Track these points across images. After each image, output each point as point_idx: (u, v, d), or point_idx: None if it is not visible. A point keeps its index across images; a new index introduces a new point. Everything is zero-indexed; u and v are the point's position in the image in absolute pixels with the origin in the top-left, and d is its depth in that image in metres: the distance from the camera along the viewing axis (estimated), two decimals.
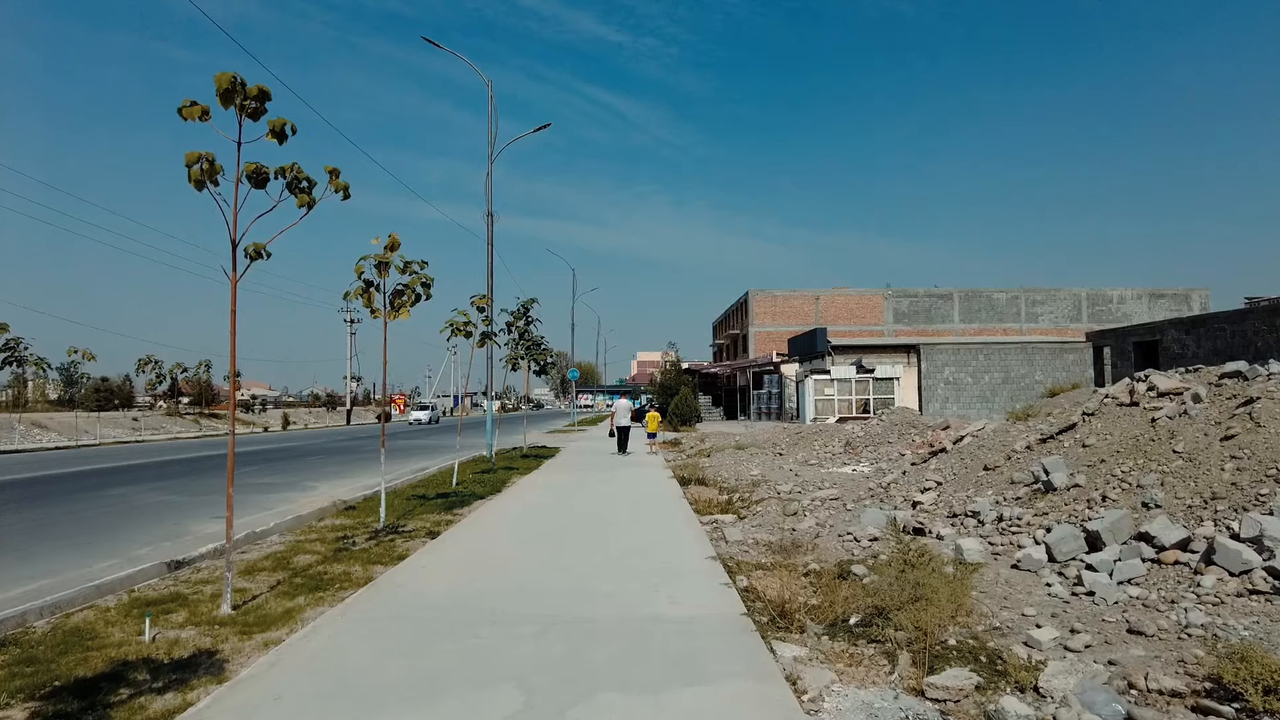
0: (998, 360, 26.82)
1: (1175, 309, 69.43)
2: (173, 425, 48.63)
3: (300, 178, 6.52)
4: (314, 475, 17.75)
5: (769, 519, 10.04)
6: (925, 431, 18.16)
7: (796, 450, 19.92)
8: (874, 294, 67.46)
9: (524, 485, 14.10)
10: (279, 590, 6.68)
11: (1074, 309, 68.55)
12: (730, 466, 16.43)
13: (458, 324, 14.08)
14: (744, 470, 15.45)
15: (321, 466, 20.32)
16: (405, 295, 10.09)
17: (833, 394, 25.73)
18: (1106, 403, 10.01)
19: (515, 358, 21.99)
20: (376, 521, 10.17)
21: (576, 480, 14.78)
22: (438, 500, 12.09)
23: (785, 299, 67.10)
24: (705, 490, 13.13)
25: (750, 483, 13.48)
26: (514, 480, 14.87)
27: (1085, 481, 8.18)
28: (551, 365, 22.47)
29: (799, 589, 6.52)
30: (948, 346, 26.62)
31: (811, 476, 14.19)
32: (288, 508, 12.11)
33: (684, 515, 10.40)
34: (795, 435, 21.91)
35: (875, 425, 19.50)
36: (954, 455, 12.00)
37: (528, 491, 13.11)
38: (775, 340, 63.90)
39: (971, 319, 67.70)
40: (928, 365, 26.42)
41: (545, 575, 6.88)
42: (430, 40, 22.51)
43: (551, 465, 18.41)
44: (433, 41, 22.54)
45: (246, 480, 16.50)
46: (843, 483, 13.03)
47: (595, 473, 16.35)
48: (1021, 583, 6.41)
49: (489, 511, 10.99)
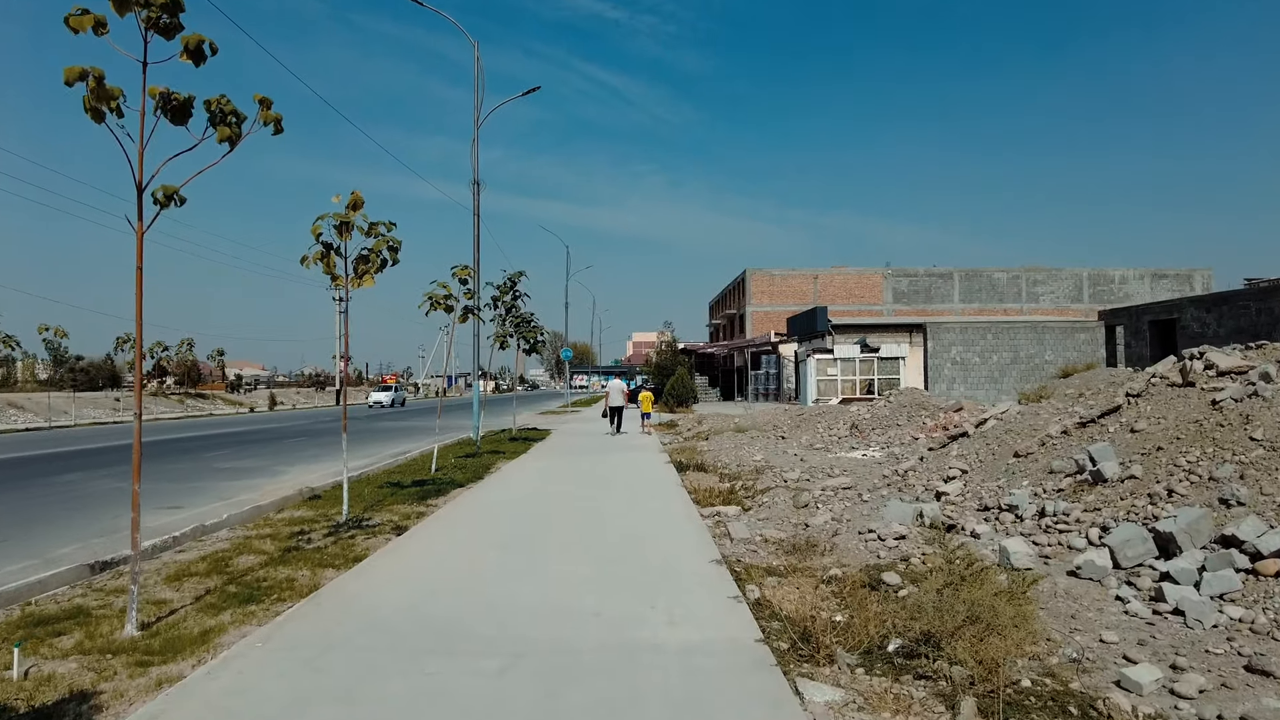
0: (1006, 340, 25.81)
1: (1178, 289, 68.52)
2: (156, 406, 47.45)
3: (227, 110, 5.40)
4: (288, 459, 16.70)
5: (777, 511, 9.01)
6: (936, 413, 17.16)
7: (800, 433, 18.91)
8: (873, 273, 66.35)
9: (509, 472, 13.06)
10: (204, 603, 5.63)
11: (1075, 289, 67.59)
12: (730, 451, 15.41)
13: (437, 296, 12.97)
14: (746, 455, 14.43)
15: (299, 449, 19.26)
16: (370, 260, 8.98)
17: (835, 374, 24.69)
18: (1155, 383, 8.97)
19: (503, 335, 20.89)
20: (341, 513, 9.13)
21: (566, 466, 13.75)
22: (412, 489, 11.04)
23: (783, 278, 65.95)
24: (705, 478, 12.10)
25: (753, 469, 12.46)
26: (498, 466, 13.82)
27: (1142, 472, 7.15)
28: (542, 343, 21.34)
29: (820, 601, 5.50)
30: (955, 325, 25.59)
31: (819, 462, 13.17)
32: (249, 496, 11.07)
33: (682, 507, 9.37)
34: (797, 417, 20.90)
35: (882, 407, 18.49)
36: (977, 440, 10.98)
37: (512, 479, 12.07)
38: (773, 320, 62.81)
39: (972, 299, 66.65)
40: (934, 345, 25.39)
41: (521, 586, 5.84)
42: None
43: (541, 449, 17.37)
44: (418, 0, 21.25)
45: (215, 465, 15.44)
46: (854, 469, 12.01)
47: (587, 457, 15.32)
48: (1086, 595, 5.39)
49: (466, 502, 9.94)
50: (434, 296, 12.98)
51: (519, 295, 17.09)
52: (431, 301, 12.98)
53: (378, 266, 8.98)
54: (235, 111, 5.44)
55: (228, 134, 5.17)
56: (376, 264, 8.95)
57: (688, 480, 11.70)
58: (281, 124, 5.46)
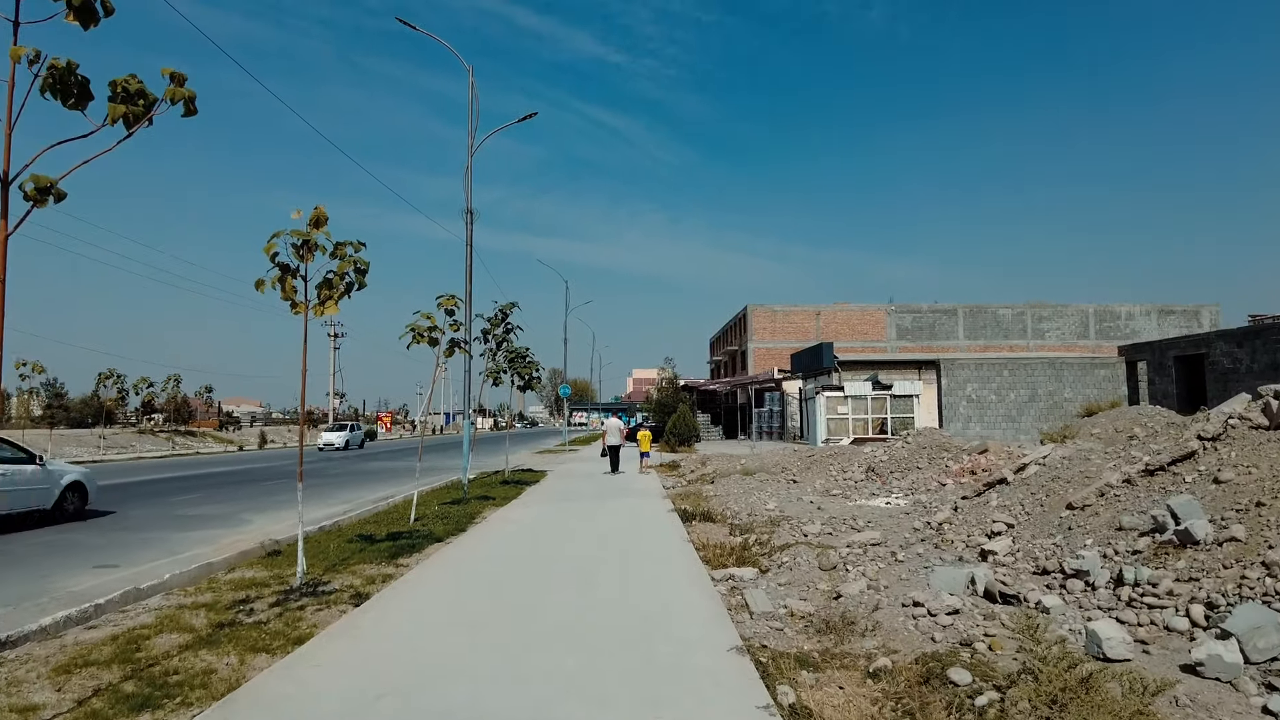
0: (1023, 377, 24.68)
1: (1185, 325, 67.68)
2: (143, 443, 46.11)
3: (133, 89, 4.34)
4: (262, 504, 15.45)
5: (801, 574, 7.79)
6: (959, 455, 15.95)
7: (812, 476, 17.68)
8: (876, 309, 65.51)
9: (495, 522, 11.82)
10: (85, 711, 4.41)
11: (1081, 325, 66.73)
12: (739, 497, 14.17)
13: (419, 328, 11.88)
14: (757, 502, 13.19)
15: (276, 493, 18.00)
16: (334, 285, 7.91)
17: (846, 413, 23.51)
18: (1235, 425, 7.81)
19: (496, 371, 19.76)
20: (297, 574, 7.91)
21: (559, 514, 12.50)
22: (385, 543, 9.80)
23: (785, 314, 65.09)
24: (713, 530, 10.86)
25: (767, 519, 11.22)
26: (485, 515, 12.58)
27: (1245, 534, 5.96)
28: (537, 380, 20.22)
29: (874, 709, 4.28)
30: (969, 362, 24.47)
31: (839, 511, 11.95)
32: (201, 551, 9.83)
33: (690, 568, 8.14)
34: (808, 459, 19.67)
35: (900, 448, 17.29)
36: (1019, 488, 9.78)
37: (497, 531, 10.82)
38: (775, 356, 61.79)
39: (976, 335, 65.78)
40: (948, 382, 24.24)
41: (490, 690, 4.61)
42: (405, 21, 20.58)
43: (533, 493, 16.12)
44: (408, 23, 20.61)
45: (179, 512, 14.19)
46: (880, 520, 10.78)
47: (582, 504, 14.08)
48: (1221, 705, 4.18)
49: (441, 563, 8.71)
50: (416, 328, 11.89)
51: (511, 328, 16.01)
52: (414, 334, 11.89)
53: (342, 291, 7.90)
54: (143, 92, 4.39)
55: (122, 111, 4.09)
56: (341, 288, 7.86)
57: (694, 533, 10.46)
58: (194, 104, 4.40)
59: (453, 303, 12.28)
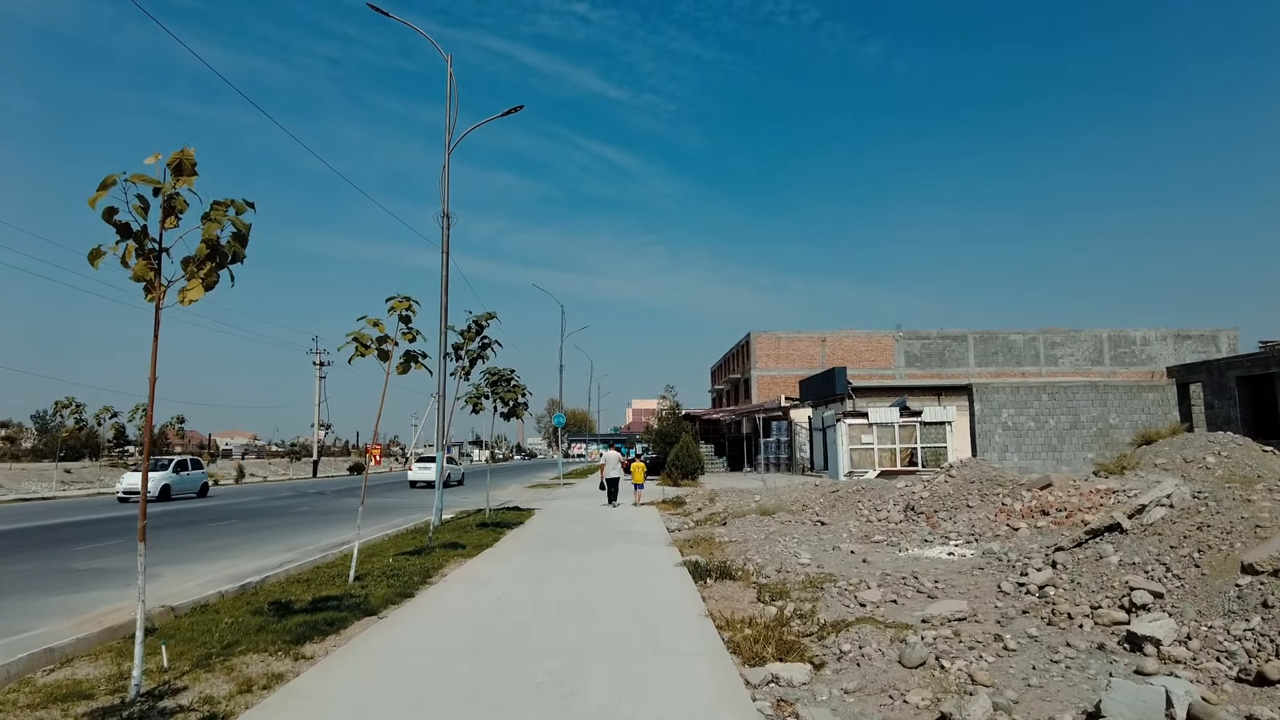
0: (1064, 402, 22.27)
1: (1203, 350, 65.46)
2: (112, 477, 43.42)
3: None
4: (188, 551, 12.97)
5: (875, 673, 5.32)
6: (1017, 491, 13.48)
7: (840, 516, 15.19)
8: (884, 336, 63.31)
9: (455, 582, 9.30)
10: None
11: (1095, 351, 64.55)
12: (760, 544, 11.68)
13: (365, 338, 9.53)
14: (783, 551, 10.70)
15: (217, 536, 15.50)
16: (206, 261, 5.54)
17: (871, 442, 21.03)
18: None
19: (477, 396, 17.36)
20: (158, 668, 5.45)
21: (538, 571, 9.95)
22: (301, 616, 7.30)
23: (790, 341, 62.86)
24: (735, 592, 8.37)
25: (805, 579, 8.73)
26: (446, 571, 10.07)
27: None
28: (523, 406, 17.78)
29: None
30: (1004, 386, 22.13)
31: (890, 564, 9.46)
32: (57, 628, 7.34)
33: (714, 666, 5.65)
34: (831, 495, 17.17)
35: (943, 483, 14.81)
36: (1146, 538, 7.33)
37: (452, 599, 8.30)
38: (780, 385, 59.41)
39: (987, 362, 63.47)
40: (982, 407, 21.82)
41: None
42: (377, 8, 18.59)
43: (513, 539, 13.59)
44: (380, 10, 18.62)
45: (70, 566, 11.64)
46: (950, 578, 8.30)
47: (570, 554, 11.55)
48: None
49: (360, 651, 6.21)
50: (361, 338, 9.52)
51: (488, 343, 13.60)
52: (358, 344, 9.52)
53: (214, 266, 5.52)
54: None
55: None
56: (208, 266, 5.48)
57: (712, 598, 7.97)
58: None
59: (406, 305, 9.91)
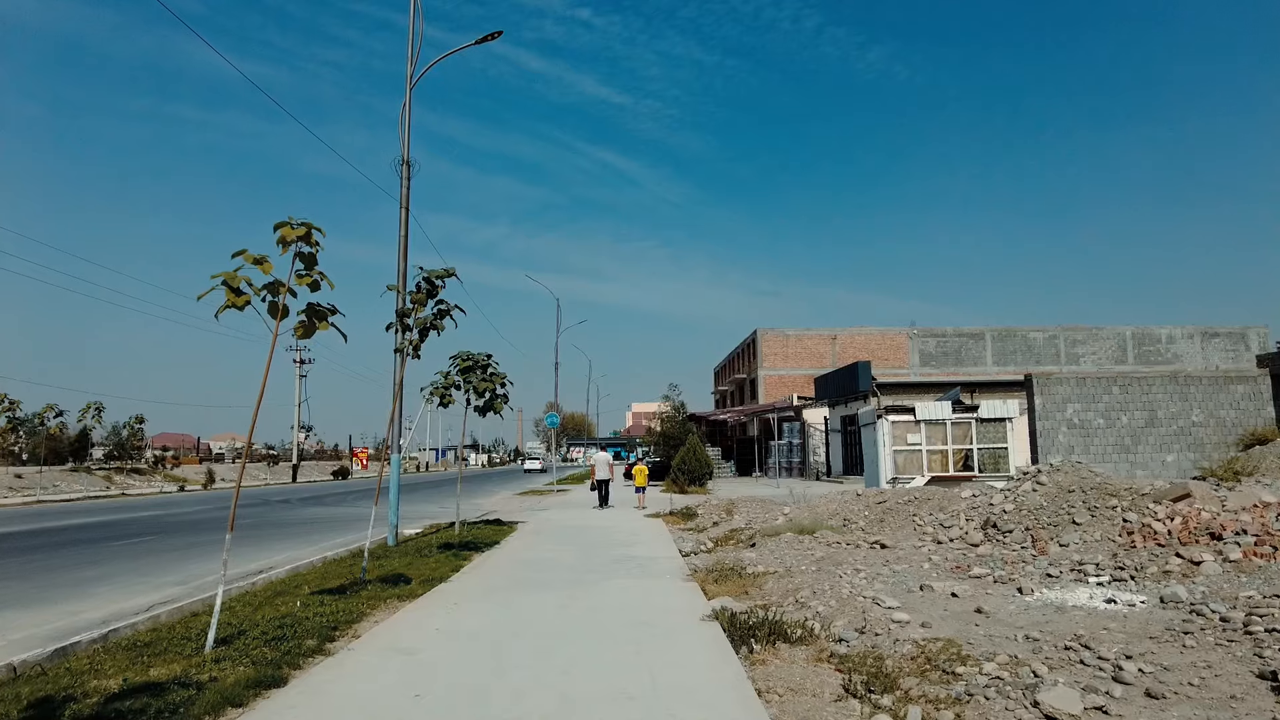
0: (1138, 396, 19.17)
1: (1231, 349, 62.42)
2: (72, 484, 40.18)
3: None
4: (89, 573, 9.91)
5: None
6: (1139, 504, 10.31)
7: (895, 534, 12.08)
8: (897, 333, 60.16)
9: (365, 651, 6.09)
10: None
11: (1119, 349, 61.41)
12: (812, 577, 8.50)
13: (237, 281, 6.41)
14: (852, 592, 7.50)
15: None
16: None
17: (918, 443, 17.91)
18: None
19: (446, 388, 14.18)
20: None
21: (497, 634, 6.62)
22: None
23: (798, 339, 59.70)
24: (804, 674, 5.19)
25: (913, 647, 5.55)
26: (363, 626, 6.87)
27: None
28: (503, 399, 14.58)
29: None
30: (1069, 378, 19.07)
31: (1026, 618, 6.30)
32: None
33: None
34: (877, 506, 14.01)
35: (1030, 492, 11.66)
36: None
37: (346, 692, 5.09)
38: (788, 384, 56.26)
39: (1006, 361, 60.37)
40: (1044, 402, 18.69)
41: None
42: None
43: (478, 570, 10.41)
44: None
45: None
46: (1146, 647, 5.13)
47: (549, 597, 8.32)
48: None
49: None
50: (232, 280, 6.39)
51: (446, 310, 10.42)
52: (228, 291, 6.39)
53: None
54: None
55: None
56: None
57: (771, 690, 4.82)
58: None
59: (304, 235, 6.73)
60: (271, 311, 6.74)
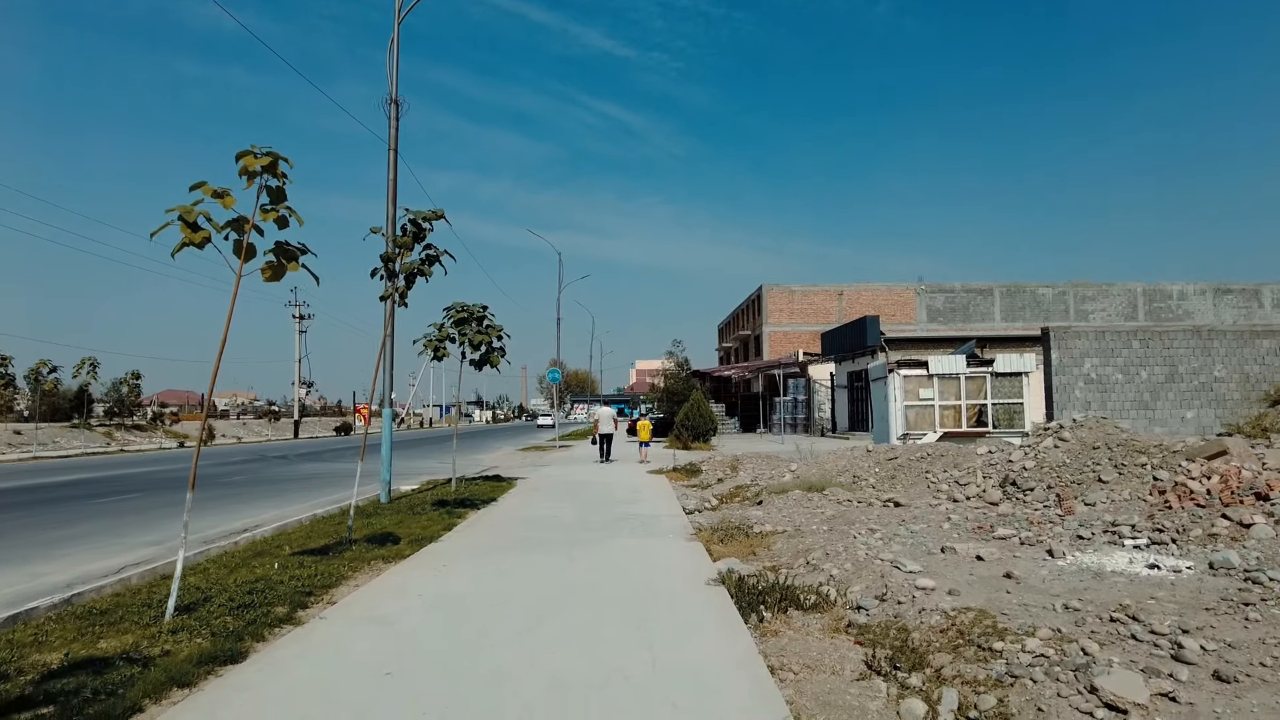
0: (1159, 350, 18.54)
1: (1244, 305, 61.38)
2: (72, 440, 39.98)
3: None
4: (70, 529, 9.44)
5: None
6: (1170, 461, 9.75)
7: (910, 491, 11.57)
8: (905, 289, 59.21)
9: (339, 619, 5.60)
10: None
11: (1129, 306, 60.40)
12: (823, 537, 7.99)
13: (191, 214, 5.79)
14: (868, 554, 6.97)
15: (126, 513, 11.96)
16: None
17: (931, 398, 17.31)
18: None
19: (440, 340, 13.61)
20: None
21: (482, 602, 6.14)
22: None
23: (804, 294, 58.82)
24: (820, 647, 4.68)
25: (943, 618, 5.01)
26: (340, 590, 6.39)
27: None
28: (499, 352, 13.99)
29: None
30: (1088, 332, 18.41)
31: (1061, 584, 5.78)
32: None
33: None
34: (888, 463, 13.50)
35: (1052, 448, 11.10)
36: None
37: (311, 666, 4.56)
38: (793, 341, 55.58)
39: (1014, 317, 59.49)
40: (1060, 356, 18.05)
41: None
42: None
43: (471, 528, 9.94)
44: None
45: None
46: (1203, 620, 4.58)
47: (543, 559, 7.82)
48: None
49: None
50: (187, 214, 5.77)
51: (435, 255, 9.75)
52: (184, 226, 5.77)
53: None
54: None
55: None
56: None
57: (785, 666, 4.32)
58: None
59: (269, 164, 6.05)
60: (236, 251, 6.12)
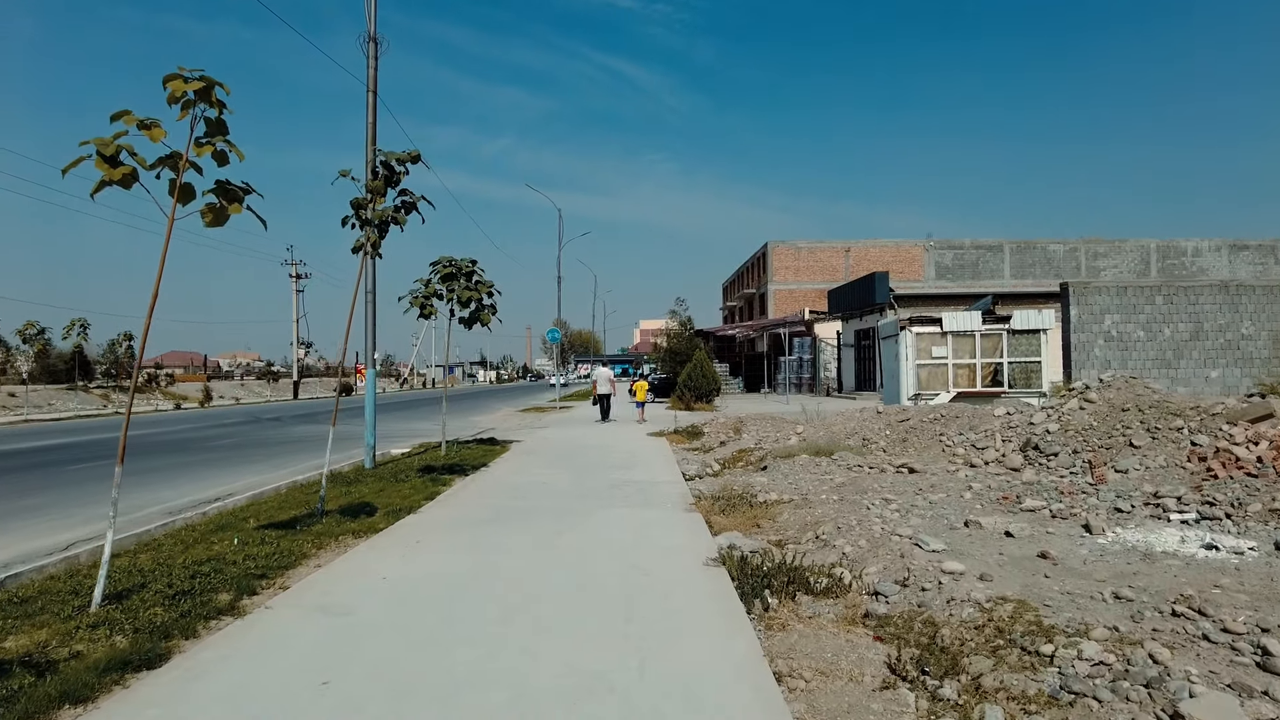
0: (1183, 306, 17.74)
1: (1260, 262, 60.05)
2: (67, 402, 39.57)
3: None
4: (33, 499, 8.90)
5: None
6: (1209, 424, 9.04)
7: (922, 456, 10.91)
8: (913, 245, 57.99)
9: (286, 606, 4.96)
10: None
11: (1142, 262, 59.12)
12: (834, 508, 7.32)
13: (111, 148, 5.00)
14: (884, 529, 6.30)
15: (101, 479, 11.46)
16: None
17: (944, 356, 16.58)
18: None
19: (426, 297, 12.88)
20: None
21: (452, 585, 5.43)
22: None
23: (810, 251, 57.67)
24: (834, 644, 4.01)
25: (978, 610, 4.34)
26: (297, 571, 5.76)
27: None
28: (489, 309, 13.24)
29: None
30: (1109, 288, 17.57)
31: (1106, 568, 5.12)
32: None
33: None
34: (899, 425, 12.81)
35: (1077, 409, 10.39)
36: None
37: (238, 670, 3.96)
38: (798, 299, 54.58)
39: (1025, 274, 58.34)
40: (1080, 313, 17.25)
41: None
42: None
43: (454, 498, 9.30)
44: None
45: None
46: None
47: (525, 536, 7.17)
48: None
49: None
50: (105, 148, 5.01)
51: (411, 202, 8.94)
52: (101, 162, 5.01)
53: None
54: None
55: None
56: None
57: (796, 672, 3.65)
58: None
59: (200, 88, 5.25)
60: (171, 192, 5.35)
